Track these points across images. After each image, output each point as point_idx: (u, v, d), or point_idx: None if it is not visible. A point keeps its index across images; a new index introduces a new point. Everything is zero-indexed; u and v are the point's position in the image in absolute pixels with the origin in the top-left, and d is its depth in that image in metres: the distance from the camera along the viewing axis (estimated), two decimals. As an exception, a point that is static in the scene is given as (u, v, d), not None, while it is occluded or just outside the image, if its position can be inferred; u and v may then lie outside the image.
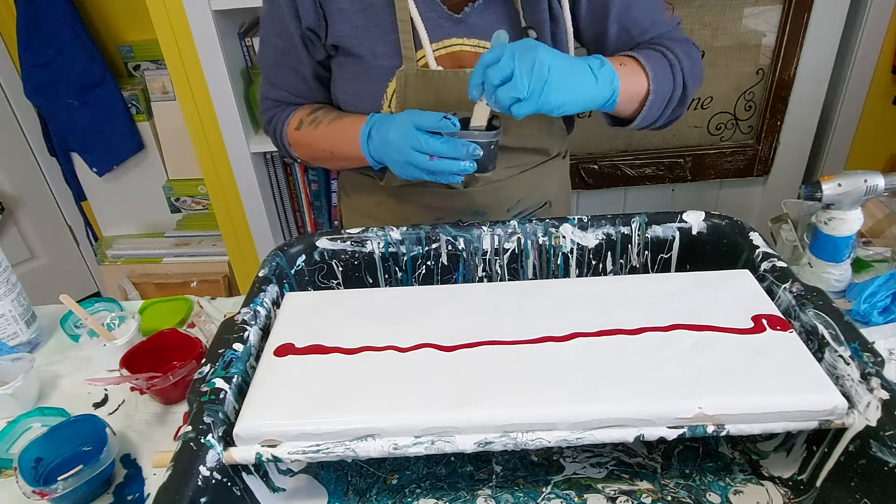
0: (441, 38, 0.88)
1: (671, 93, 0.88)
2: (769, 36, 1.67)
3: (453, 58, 0.90)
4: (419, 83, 0.88)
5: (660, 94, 0.86)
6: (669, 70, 0.87)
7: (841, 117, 1.78)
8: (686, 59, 0.89)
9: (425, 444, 0.61)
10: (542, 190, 1.05)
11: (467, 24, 0.88)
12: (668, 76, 0.87)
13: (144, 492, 0.75)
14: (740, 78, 1.73)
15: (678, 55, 0.88)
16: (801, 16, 1.61)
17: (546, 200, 1.06)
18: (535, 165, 1.02)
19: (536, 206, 1.06)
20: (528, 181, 1.02)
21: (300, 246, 0.86)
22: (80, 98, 1.98)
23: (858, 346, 0.62)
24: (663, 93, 0.87)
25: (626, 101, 0.84)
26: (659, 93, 0.85)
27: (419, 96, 0.89)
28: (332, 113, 0.95)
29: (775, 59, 1.68)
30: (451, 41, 0.89)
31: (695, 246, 0.85)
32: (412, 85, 0.88)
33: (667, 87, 0.87)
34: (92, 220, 2.34)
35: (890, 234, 1.08)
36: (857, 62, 1.69)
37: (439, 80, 0.88)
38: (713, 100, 1.76)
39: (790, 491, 0.66)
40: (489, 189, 0.99)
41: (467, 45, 0.89)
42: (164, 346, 0.88)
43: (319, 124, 0.94)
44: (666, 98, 0.88)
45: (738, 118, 1.80)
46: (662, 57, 0.87)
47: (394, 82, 0.90)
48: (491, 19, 0.88)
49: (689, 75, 0.88)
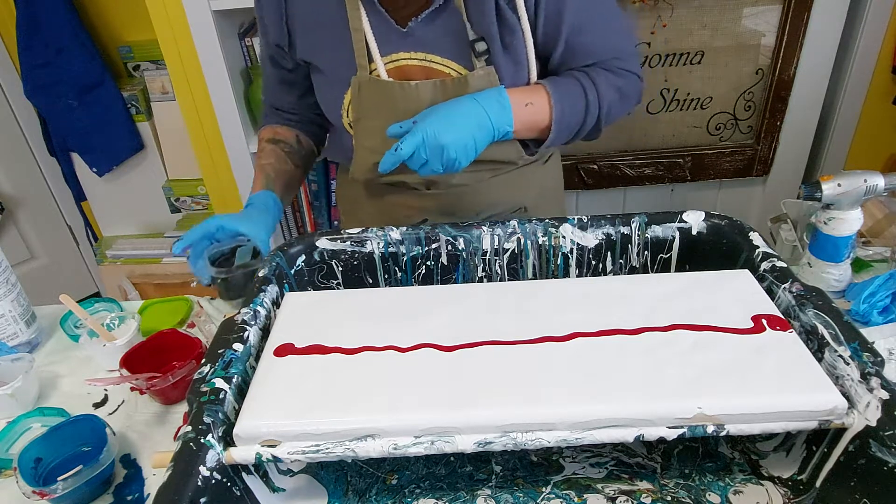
0: (390, 52, 0.91)
1: (580, 126, 0.93)
2: (769, 36, 1.67)
3: (400, 72, 0.92)
4: (371, 92, 0.92)
5: (563, 130, 0.92)
6: (584, 107, 0.91)
7: (841, 117, 1.78)
8: (612, 94, 0.92)
9: (425, 444, 0.61)
10: (515, 195, 1.06)
11: (414, 38, 0.90)
12: (579, 112, 0.91)
13: (144, 492, 0.75)
14: (740, 78, 1.73)
15: (601, 91, 0.91)
16: (800, 16, 1.61)
17: (521, 206, 1.07)
18: (502, 174, 1.03)
19: (509, 211, 1.07)
20: (496, 187, 1.04)
21: (300, 246, 0.86)
22: (80, 98, 1.98)
23: (858, 346, 0.62)
24: (568, 126, 0.92)
25: (525, 134, 0.92)
26: (562, 129, 0.91)
27: (371, 105, 0.92)
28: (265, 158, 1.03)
29: (775, 59, 1.68)
30: (399, 55, 0.91)
31: (694, 246, 0.85)
32: (365, 94, 0.92)
33: (574, 121, 0.92)
34: (92, 221, 2.34)
35: (889, 234, 1.08)
36: (856, 62, 1.69)
37: (388, 90, 0.91)
38: (713, 100, 1.76)
39: (790, 491, 0.66)
40: (454, 192, 1.02)
41: (414, 59, 0.91)
42: (164, 347, 0.88)
43: (258, 159, 1.04)
44: (572, 130, 0.93)
45: (738, 118, 1.80)
46: (582, 94, 0.91)
47: (349, 92, 0.93)
48: (437, 32, 0.89)
49: (608, 111, 0.93)
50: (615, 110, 0.94)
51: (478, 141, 0.85)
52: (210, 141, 1.72)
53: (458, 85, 0.88)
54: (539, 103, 0.89)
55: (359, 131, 0.95)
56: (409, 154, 0.83)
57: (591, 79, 0.91)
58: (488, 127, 0.85)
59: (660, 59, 1.69)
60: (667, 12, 1.62)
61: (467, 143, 0.83)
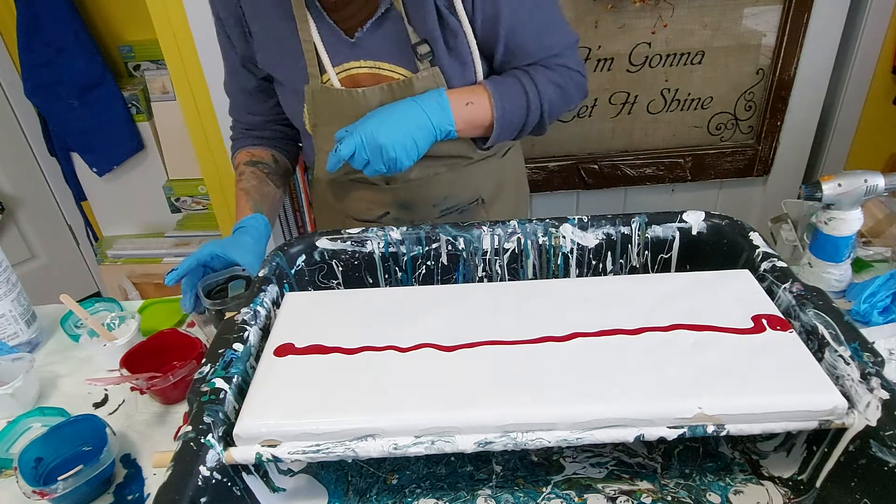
0: (341, 61, 0.94)
1: (523, 122, 0.96)
2: (769, 36, 1.67)
3: (353, 80, 0.96)
4: (324, 100, 0.96)
5: (506, 127, 0.94)
6: (525, 104, 0.94)
7: (841, 117, 1.78)
8: (552, 91, 0.95)
9: (425, 444, 0.61)
10: (472, 187, 1.09)
11: (362, 47, 0.93)
12: (521, 109, 0.94)
13: (144, 492, 0.75)
14: (740, 78, 1.73)
15: (541, 89, 0.94)
16: (801, 16, 1.61)
17: (478, 197, 1.10)
18: (458, 168, 1.06)
19: (466, 203, 1.10)
20: (453, 181, 1.07)
21: (300, 246, 0.86)
22: (80, 98, 1.98)
23: (858, 346, 0.62)
24: (510, 123, 0.94)
25: (470, 132, 0.95)
26: (505, 126, 0.94)
27: (326, 112, 0.97)
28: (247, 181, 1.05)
29: (775, 60, 1.68)
30: (350, 64, 0.94)
31: (695, 246, 0.85)
32: (319, 102, 0.96)
33: (517, 118, 0.95)
34: (92, 220, 2.34)
35: (890, 234, 1.08)
36: (857, 62, 1.69)
37: (338, 98, 0.95)
38: (713, 100, 1.76)
39: (790, 491, 0.66)
40: (411, 186, 1.05)
41: (364, 68, 0.94)
42: (164, 346, 0.88)
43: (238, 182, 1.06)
44: (516, 128, 0.96)
45: (738, 118, 1.80)
46: (522, 93, 0.93)
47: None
48: (383, 39, 0.92)
49: (550, 108, 0.96)
50: (557, 106, 0.97)
51: (418, 140, 0.88)
52: (210, 141, 1.72)
53: (403, 88, 0.92)
54: (480, 102, 0.92)
55: (317, 136, 1.00)
56: (348, 154, 0.87)
57: (532, 77, 0.94)
58: (429, 127, 0.88)
59: (660, 59, 1.69)
60: (667, 12, 1.62)
61: (406, 143, 0.87)
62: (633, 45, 1.66)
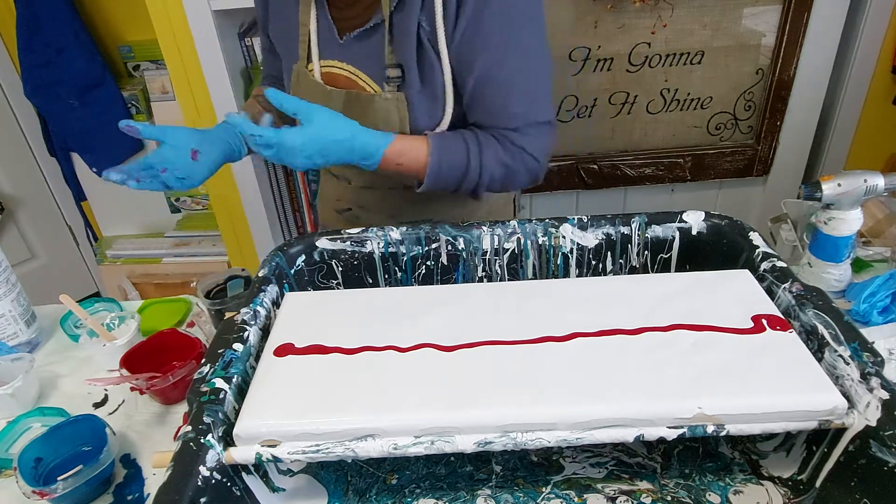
0: (328, 57, 0.96)
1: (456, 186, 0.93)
2: (769, 36, 1.67)
3: (331, 77, 0.97)
4: (303, 85, 0.98)
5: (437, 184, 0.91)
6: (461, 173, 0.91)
7: (841, 117, 1.78)
8: (497, 169, 0.91)
9: (425, 444, 0.61)
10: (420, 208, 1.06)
11: (346, 50, 0.94)
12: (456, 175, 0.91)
13: (144, 492, 0.75)
14: (740, 78, 1.73)
15: (485, 163, 0.90)
16: (800, 16, 1.61)
17: (428, 219, 1.07)
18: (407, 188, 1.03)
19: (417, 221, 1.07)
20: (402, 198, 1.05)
21: (300, 246, 0.86)
22: (80, 98, 1.98)
23: (858, 346, 0.62)
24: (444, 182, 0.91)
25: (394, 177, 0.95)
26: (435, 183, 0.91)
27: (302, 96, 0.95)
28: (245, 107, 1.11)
29: (775, 60, 1.68)
30: (333, 63, 0.96)
31: (695, 246, 0.85)
32: (301, 84, 0.98)
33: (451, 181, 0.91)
34: (92, 220, 2.34)
35: (890, 234, 1.08)
36: (856, 62, 1.69)
37: (314, 88, 0.96)
38: (713, 100, 1.76)
39: (790, 491, 0.66)
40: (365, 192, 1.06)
41: (343, 70, 0.95)
42: (164, 346, 0.88)
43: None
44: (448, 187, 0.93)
45: (738, 118, 1.80)
46: (464, 161, 0.90)
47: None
48: (365, 50, 0.92)
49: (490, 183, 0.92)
50: (499, 185, 0.93)
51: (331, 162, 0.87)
52: (210, 141, 1.71)
53: (366, 102, 0.92)
54: (412, 161, 0.89)
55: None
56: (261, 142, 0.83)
57: (481, 149, 0.90)
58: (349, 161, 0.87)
59: (660, 59, 1.69)
60: (667, 12, 1.62)
61: (317, 163, 0.86)
62: (632, 45, 1.66)
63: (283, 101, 0.83)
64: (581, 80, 1.71)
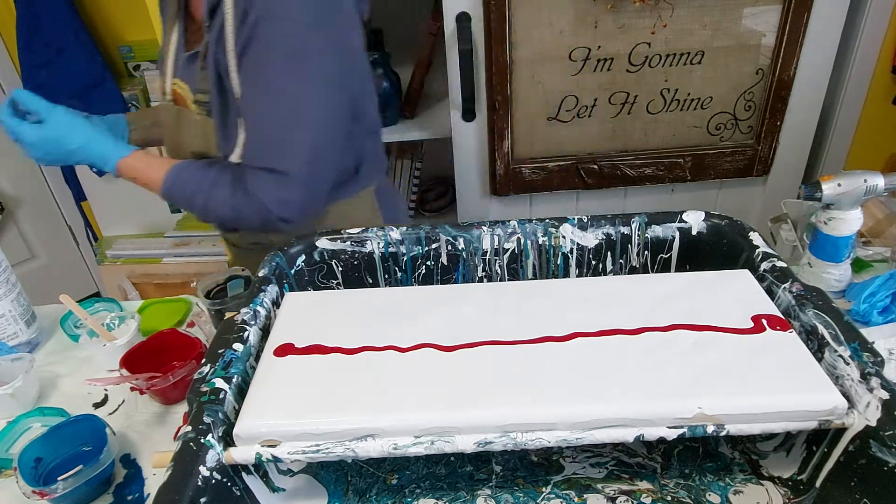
0: (175, 73, 1.01)
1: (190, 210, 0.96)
2: (769, 36, 1.67)
3: (174, 92, 1.01)
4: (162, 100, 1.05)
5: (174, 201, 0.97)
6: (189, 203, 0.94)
7: (841, 117, 1.78)
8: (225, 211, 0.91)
9: (425, 444, 0.61)
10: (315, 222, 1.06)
11: (183, 69, 0.98)
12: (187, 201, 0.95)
13: (144, 492, 0.75)
14: (740, 78, 1.73)
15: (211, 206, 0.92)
16: (800, 16, 1.60)
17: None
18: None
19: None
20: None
21: (300, 246, 0.86)
22: (81, 98, 1.98)
23: (858, 346, 0.62)
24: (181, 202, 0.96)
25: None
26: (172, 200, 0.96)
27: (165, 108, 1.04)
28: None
29: (775, 60, 1.68)
30: (176, 80, 1.00)
31: (695, 246, 0.85)
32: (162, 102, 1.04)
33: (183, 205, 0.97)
34: (92, 221, 2.34)
35: (890, 234, 1.08)
36: (856, 62, 1.69)
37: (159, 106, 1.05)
38: (713, 100, 1.76)
39: (790, 491, 0.66)
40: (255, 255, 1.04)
41: (180, 88, 1.00)
42: (164, 346, 0.88)
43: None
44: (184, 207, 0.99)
45: (738, 118, 1.80)
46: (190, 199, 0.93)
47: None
48: (191, 72, 0.96)
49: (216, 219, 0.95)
50: (232, 223, 0.94)
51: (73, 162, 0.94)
52: (210, 141, 1.71)
53: (187, 119, 0.98)
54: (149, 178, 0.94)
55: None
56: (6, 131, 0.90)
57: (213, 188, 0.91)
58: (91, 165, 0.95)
59: (660, 59, 1.69)
60: (667, 12, 1.62)
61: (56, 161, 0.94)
62: (632, 45, 1.66)
63: (26, 100, 0.90)
64: (581, 80, 1.71)
